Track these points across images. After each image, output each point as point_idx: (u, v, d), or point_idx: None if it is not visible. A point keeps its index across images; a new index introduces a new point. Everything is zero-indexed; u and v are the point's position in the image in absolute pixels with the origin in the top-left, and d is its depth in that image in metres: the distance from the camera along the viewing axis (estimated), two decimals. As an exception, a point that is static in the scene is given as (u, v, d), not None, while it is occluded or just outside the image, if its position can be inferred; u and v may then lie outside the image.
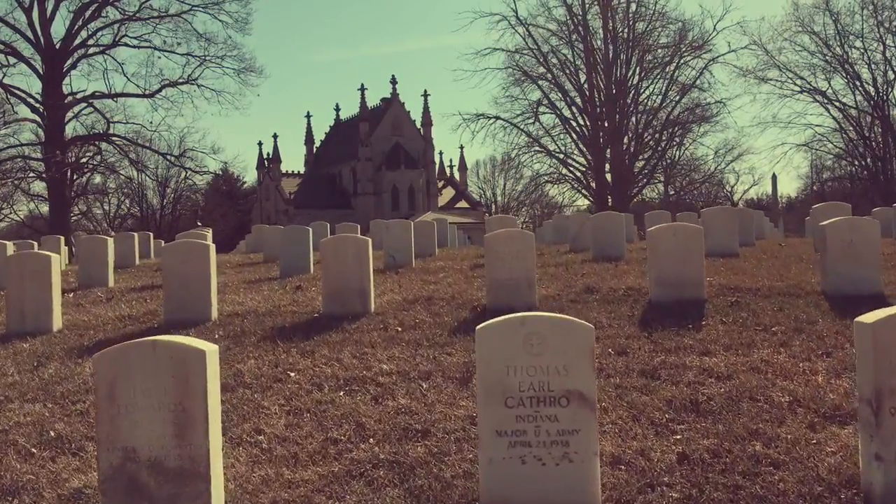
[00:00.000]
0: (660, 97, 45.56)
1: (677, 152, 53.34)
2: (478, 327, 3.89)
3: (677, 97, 45.27)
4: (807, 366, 5.90)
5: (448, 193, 76.92)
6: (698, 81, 44.53)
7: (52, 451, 5.07)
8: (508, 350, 3.83)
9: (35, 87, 45.23)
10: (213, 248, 9.07)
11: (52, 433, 5.36)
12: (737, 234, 12.91)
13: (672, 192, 65.36)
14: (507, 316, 3.95)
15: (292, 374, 6.35)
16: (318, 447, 4.84)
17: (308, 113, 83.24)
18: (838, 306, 7.82)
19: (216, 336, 7.97)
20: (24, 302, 8.99)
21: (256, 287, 11.72)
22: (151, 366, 3.92)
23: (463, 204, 74.94)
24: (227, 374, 6.45)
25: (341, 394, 5.86)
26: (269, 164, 73.69)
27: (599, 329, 7.48)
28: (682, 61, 44.48)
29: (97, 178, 61.72)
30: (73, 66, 45.38)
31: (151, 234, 22.57)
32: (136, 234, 17.69)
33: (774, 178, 72.54)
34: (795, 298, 8.40)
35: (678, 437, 4.66)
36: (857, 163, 56.54)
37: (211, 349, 4.01)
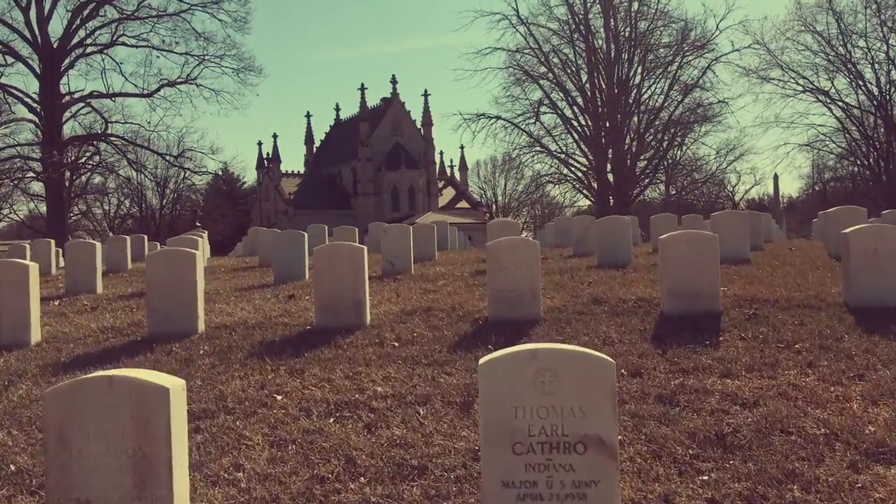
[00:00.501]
0: (662, 97, 45.03)
1: (679, 152, 52.93)
2: (480, 361, 3.38)
3: (679, 97, 44.73)
4: (839, 391, 5.39)
5: (449, 194, 76.43)
6: (701, 81, 43.99)
7: (10, 489, 4.56)
8: (516, 388, 3.32)
9: (33, 86, 44.79)
10: (200, 256, 8.56)
11: (13, 467, 4.85)
12: (748, 238, 12.39)
13: (674, 192, 64.88)
14: (514, 348, 3.45)
15: (279, 398, 5.84)
16: (303, 487, 4.33)
17: (308, 113, 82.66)
18: (864, 320, 7.30)
19: (201, 351, 7.47)
20: (1, 313, 8.49)
21: (248, 295, 11.21)
22: (108, 405, 3.41)
23: (464, 204, 74.43)
24: (209, 398, 5.94)
25: (331, 421, 5.35)
26: (268, 164, 73.20)
27: (609, 346, 6.98)
28: (684, 61, 43.94)
29: (97, 178, 61.33)
30: (71, 66, 44.88)
31: (146, 237, 22.04)
32: (128, 238, 17.19)
33: (776, 178, 71.60)
34: (817, 311, 7.88)
35: (705, 477, 4.15)
36: (859, 163, 56.01)
37: (176, 385, 3.51)
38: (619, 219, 12.65)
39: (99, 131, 48.00)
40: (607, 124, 44.52)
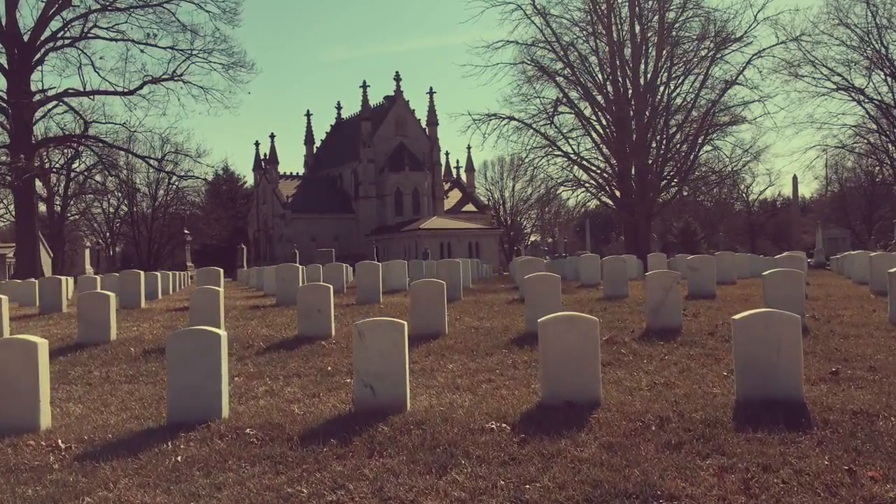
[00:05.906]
0: (693, 95, 38.84)
1: (701, 151, 46.76)
2: None
3: (712, 95, 38.54)
4: None
5: (454, 196, 70.50)
6: (740, 78, 37.81)
7: None
8: None
9: (-1, 83, 38.71)
10: None
11: None
12: None
13: (686, 192, 58.76)
14: None
15: None
16: None
17: (308, 112, 76.30)
18: None
19: None
20: None
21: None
22: None
23: (470, 207, 68.55)
24: None
25: None
26: (265, 165, 67.27)
27: None
28: (718, 55, 37.78)
29: (96, 177, 55.52)
30: (42, 60, 38.93)
31: (63, 279, 16.27)
32: (4, 300, 11.46)
33: (795, 179, 65.34)
34: None
35: None
36: (891, 163, 50.31)
37: None
38: (780, 316, 6.75)
39: (76, 132, 42.25)
40: (632, 125, 38.45)
